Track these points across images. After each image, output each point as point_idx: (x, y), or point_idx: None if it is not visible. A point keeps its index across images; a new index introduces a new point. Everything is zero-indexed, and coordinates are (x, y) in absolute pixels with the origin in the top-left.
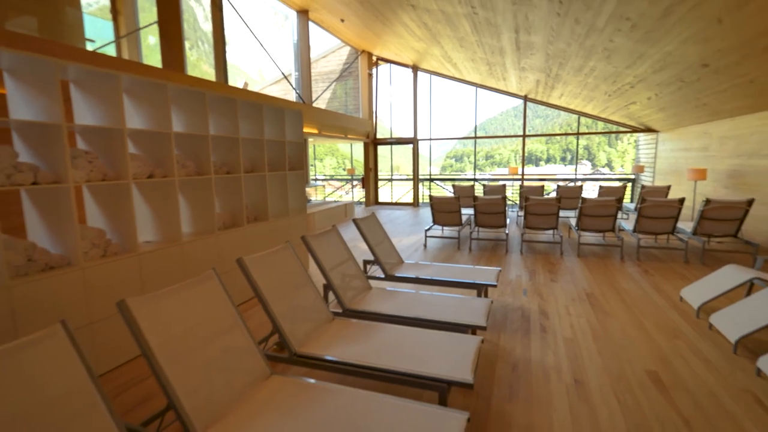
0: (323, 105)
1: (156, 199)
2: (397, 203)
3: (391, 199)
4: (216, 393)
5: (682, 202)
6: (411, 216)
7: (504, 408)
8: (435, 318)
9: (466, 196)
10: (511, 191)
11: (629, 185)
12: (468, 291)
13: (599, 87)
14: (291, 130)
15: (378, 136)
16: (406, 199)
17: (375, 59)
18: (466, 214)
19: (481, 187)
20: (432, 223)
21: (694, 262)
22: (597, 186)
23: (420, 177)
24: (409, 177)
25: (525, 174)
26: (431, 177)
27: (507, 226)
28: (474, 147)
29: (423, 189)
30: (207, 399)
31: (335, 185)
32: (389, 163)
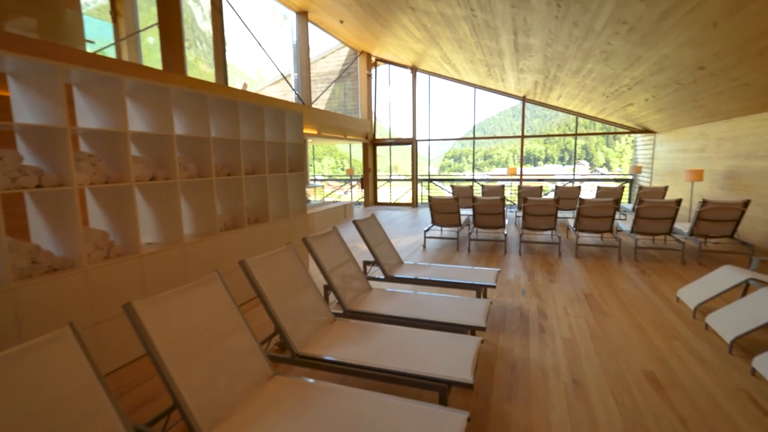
0: (322, 105)
1: (158, 201)
2: (396, 203)
3: (390, 200)
4: (220, 393)
5: (679, 203)
6: (410, 216)
7: (503, 407)
8: (435, 319)
9: (464, 196)
10: (510, 191)
11: (627, 186)
12: (467, 292)
13: (597, 89)
14: (291, 131)
15: (377, 136)
16: (404, 200)
17: (374, 60)
18: (464, 214)
19: (480, 188)
20: (431, 224)
21: (690, 262)
22: (595, 186)
23: (419, 177)
24: (408, 177)
25: (523, 174)
26: (430, 177)
27: (506, 226)
28: (473, 147)
29: (422, 189)
30: (211, 399)
31: (334, 186)
32: (388, 163)
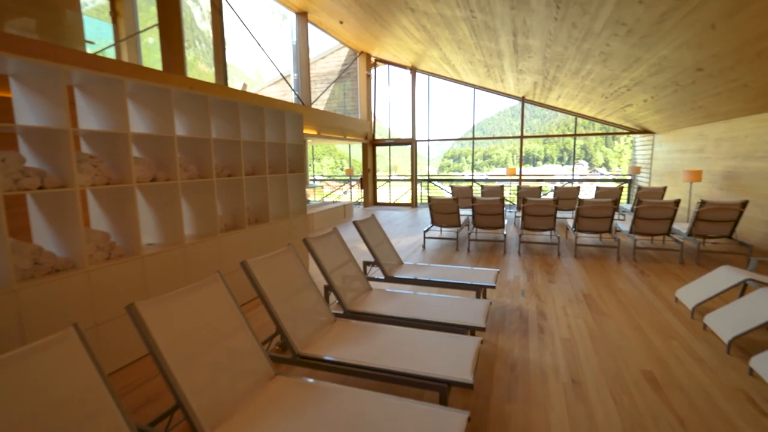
0: (322, 106)
1: (159, 202)
2: (396, 204)
3: (390, 200)
4: (223, 393)
5: (677, 203)
6: (409, 217)
7: (503, 407)
8: (435, 319)
9: (464, 197)
10: (509, 191)
11: (626, 186)
12: (467, 292)
13: (596, 89)
14: (291, 132)
15: (376, 136)
16: (404, 200)
17: (373, 60)
18: (464, 215)
19: (479, 188)
20: (430, 224)
21: (689, 262)
22: (594, 187)
23: (418, 177)
24: (407, 177)
25: (522, 174)
26: (429, 177)
27: (505, 227)
28: (472, 147)
29: (421, 189)
30: (214, 399)
31: (333, 186)
32: (387, 163)
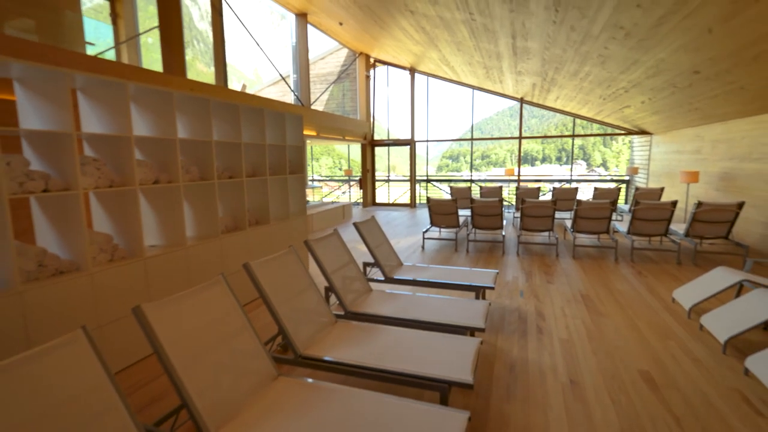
0: (321, 106)
1: (161, 204)
2: (394, 204)
3: (388, 200)
4: (227, 393)
5: (674, 205)
6: (408, 217)
7: (502, 407)
8: (434, 320)
9: (463, 197)
10: (507, 191)
11: (623, 186)
12: (466, 293)
13: (594, 91)
14: (291, 134)
15: (375, 137)
16: (403, 200)
17: (373, 61)
18: (463, 215)
19: (478, 188)
20: (430, 225)
21: (686, 263)
22: (592, 187)
23: (417, 178)
24: (406, 177)
25: (521, 174)
26: (428, 178)
27: (503, 227)
28: (471, 147)
29: (420, 189)
30: (219, 399)
31: (332, 186)
32: (386, 163)
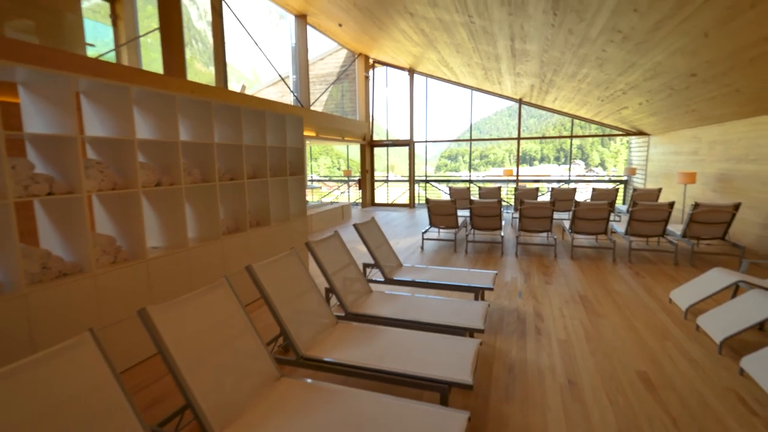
0: (320, 107)
1: (163, 207)
2: (393, 204)
3: (387, 200)
4: (231, 394)
5: (671, 206)
6: (407, 218)
7: (501, 408)
8: (434, 321)
9: (461, 198)
10: (506, 191)
11: (621, 187)
12: (465, 294)
13: (592, 92)
14: (292, 135)
15: (374, 137)
16: (401, 200)
17: (372, 62)
18: (462, 216)
19: (476, 189)
20: (429, 226)
21: (683, 264)
22: (590, 187)
23: (416, 178)
24: (405, 178)
25: (519, 174)
26: (427, 178)
27: (502, 228)
28: (469, 147)
29: (418, 189)
30: (222, 400)
31: (331, 186)
32: (385, 163)
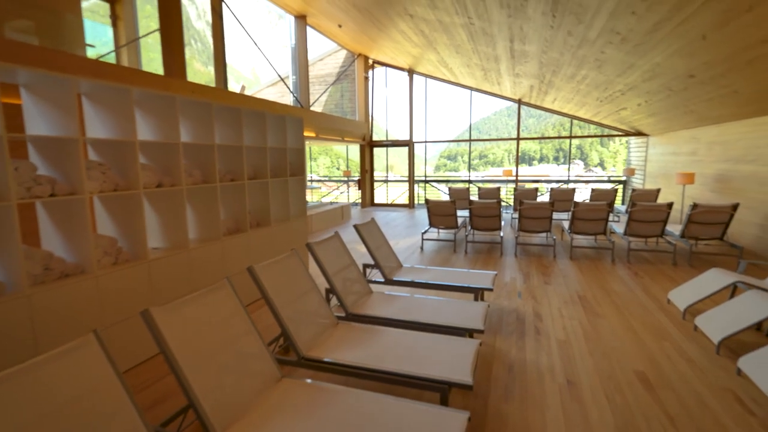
0: (320, 107)
1: (164, 208)
2: (393, 204)
3: (387, 200)
4: (233, 395)
5: (670, 206)
6: (407, 218)
7: (501, 407)
8: (434, 322)
9: (461, 198)
10: (505, 191)
11: (620, 187)
12: (465, 295)
13: (591, 93)
14: (292, 136)
15: (374, 138)
16: (401, 200)
17: (371, 62)
18: (461, 216)
19: (476, 189)
20: (428, 226)
21: (682, 264)
22: (589, 187)
23: (415, 178)
24: (405, 178)
25: (519, 174)
26: (426, 178)
27: (502, 228)
28: (469, 147)
29: (418, 189)
30: (225, 401)
31: (330, 186)
32: (384, 164)
